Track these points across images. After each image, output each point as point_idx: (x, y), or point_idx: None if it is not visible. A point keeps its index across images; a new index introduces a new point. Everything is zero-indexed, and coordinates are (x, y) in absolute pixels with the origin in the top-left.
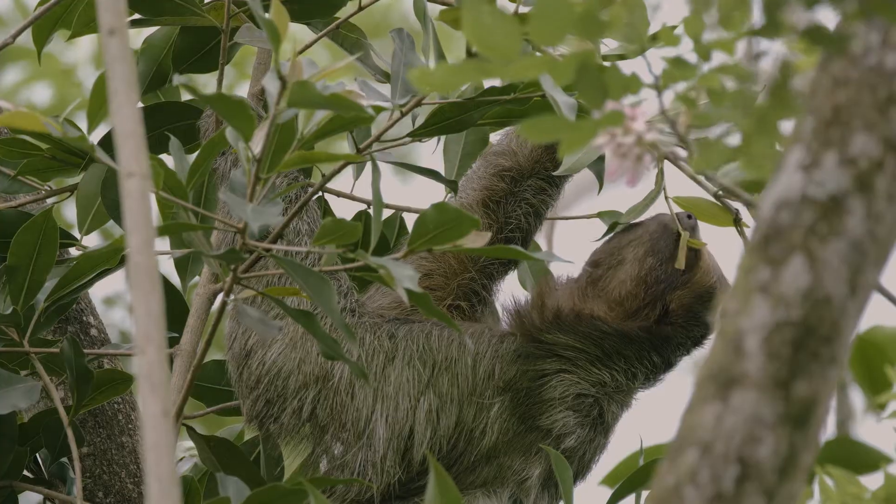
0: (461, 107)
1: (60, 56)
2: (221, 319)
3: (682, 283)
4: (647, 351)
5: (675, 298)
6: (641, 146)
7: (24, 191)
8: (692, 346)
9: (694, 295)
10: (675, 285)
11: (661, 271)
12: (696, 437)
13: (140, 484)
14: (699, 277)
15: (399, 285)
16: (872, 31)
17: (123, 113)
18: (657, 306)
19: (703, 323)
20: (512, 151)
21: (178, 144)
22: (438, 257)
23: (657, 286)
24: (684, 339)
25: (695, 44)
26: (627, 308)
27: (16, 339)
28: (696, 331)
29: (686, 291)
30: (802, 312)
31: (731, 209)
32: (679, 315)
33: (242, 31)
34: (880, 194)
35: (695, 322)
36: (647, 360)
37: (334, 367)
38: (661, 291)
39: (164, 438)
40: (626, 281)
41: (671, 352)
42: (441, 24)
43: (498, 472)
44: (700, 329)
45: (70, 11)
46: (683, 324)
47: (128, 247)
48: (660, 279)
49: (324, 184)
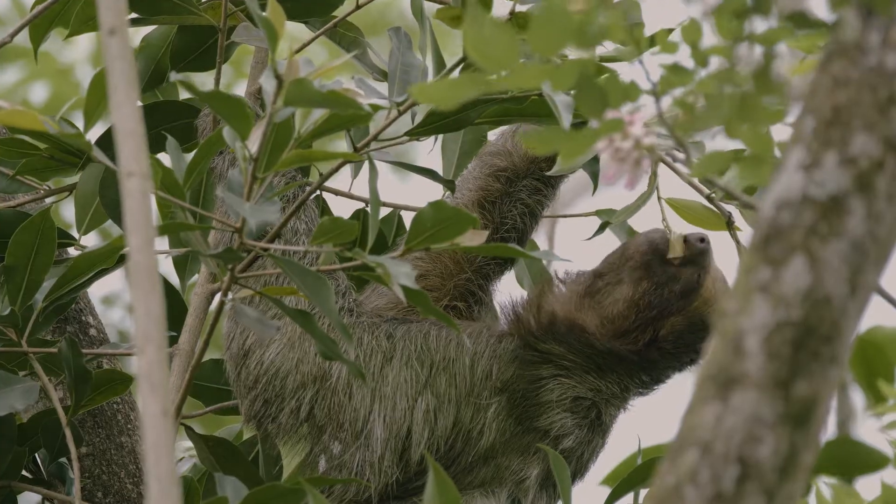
0: (458, 106)
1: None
2: (220, 319)
3: (677, 309)
4: (637, 371)
5: (667, 325)
6: (639, 150)
7: (23, 190)
8: (682, 368)
9: (688, 323)
10: (670, 312)
11: (654, 296)
12: (697, 436)
13: (139, 484)
14: (697, 306)
15: (396, 283)
16: (872, 31)
17: (123, 112)
18: (647, 331)
19: (694, 350)
20: (507, 152)
21: (175, 144)
22: (434, 258)
23: (648, 311)
24: (673, 363)
25: (692, 50)
26: (617, 327)
27: (14, 340)
28: (685, 357)
29: (680, 318)
30: (803, 312)
31: (724, 213)
32: (669, 342)
33: (239, 30)
34: (881, 194)
35: (684, 350)
36: (637, 378)
37: (332, 366)
38: (653, 318)
39: (164, 438)
40: (620, 301)
41: (661, 372)
42: (437, 22)
43: (496, 472)
44: (689, 356)
45: (68, 10)
46: (672, 350)
47: (128, 246)
48: (652, 305)
49: (321, 183)
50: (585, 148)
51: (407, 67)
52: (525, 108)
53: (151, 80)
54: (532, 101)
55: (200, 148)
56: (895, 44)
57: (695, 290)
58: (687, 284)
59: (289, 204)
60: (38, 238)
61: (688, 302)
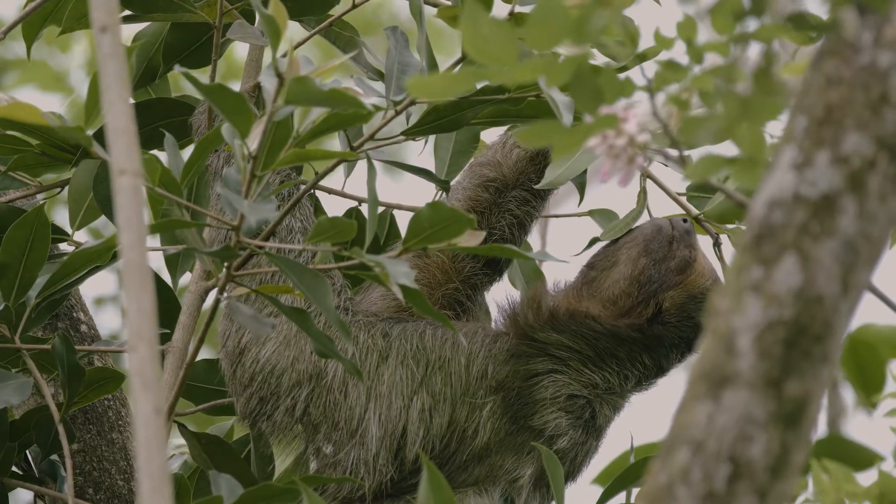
0: (455, 106)
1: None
2: (214, 317)
3: (675, 283)
4: (639, 353)
5: (667, 298)
6: (633, 148)
7: (15, 186)
8: (684, 347)
9: (687, 295)
10: (669, 285)
11: (654, 271)
12: (688, 435)
13: (130, 480)
14: (693, 279)
15: (394, 282)
16: (865, 29)
17: (116, 110)
18: (650, 304)
19: (696, 323)
20: (497, 162)
21: (172, 141)
22: (423, 268)
23: (650, 285)
24: (676, 339)
25: (687, 47)
26: (621, 306)
27: (7, 336)
28: (688, 331)
29: (679, 291)
30: (794, 311)
31: (712, 233)
32: (672, 314)
33: (235, 28)
34: (873, 193)
35: (687, 322)
36: (638, 363)
37: (328, 365)
38: (654, 290)
39: (156, 435)
40: (620, 280)
41: (662, 354)
42: (432, 22)
43: (490, 471)
44: (692, 330)
45: (60, 8)
46: (676, 323)
47: (120, 244)
48: (653, 279)
49: (317, 181)
50: (580, 142)
51: (404, 67)
52: (521, 109)
53: (144, 77)
54: (529, 102)
55: (198, 145)
56: (888, 42)
57: (689, 263)
58: (681, 259)
59: (284, 202)
60: (31, 234)
61: (684, 276)
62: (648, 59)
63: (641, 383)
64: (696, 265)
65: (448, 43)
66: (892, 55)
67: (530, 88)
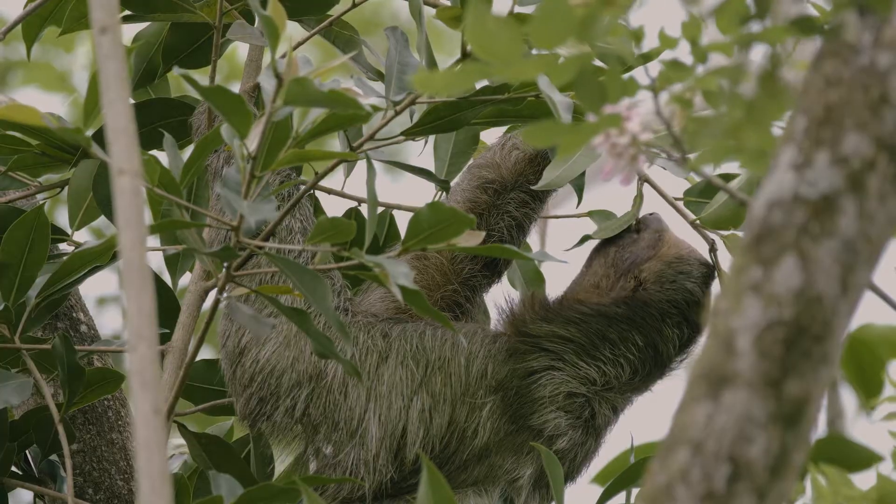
0: (455, 106)
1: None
2: (214, 317)
3: (649, 256)
4: (629, 331)
5: (644, 269)
6: (636, 146)
7: (15, 186)
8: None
9: (663, 262)
10: (644, 259)
11: (625, 252)
12: (688, 435)
13: (130, 481)
14: (665, 250)
15: (394, 283)
16: (865, 30)
17: (115, 109)
18: (629, 278)
19: (679, 286)
20: (495, 164)
21: (172, 141)
22: (421, 269)
23: (624, 263)
24: (665, 304)
25: (692, 46)
26: (604, 287)
27: (7, 336)
28: (673, 293)
29: (655, 262)
30: (794, 312)
31: (708, 239)
32: (652, 281)
33: (234, 28)
34: (872, 194)
35: (669, 285)
36: (630, 343)
37: (328, 365)
38: (629, 266)
39: (156, 436)
40: (598, 269)
41: (654, 328)
42: (432, 22)
43: (489, 471)
44: (677, 292)
45: (60, 8)
46: (659, 289)
47: (120, 244)
48: (625, 258)
49: (317, 181)
50: (584, 141)
51: (404, 67)
52: (521, 109)
53: (143, 77)
54: (529, 102)
55: (197, 145)
56: (887, 43)
57: (659, 237)
58: (650, 236)
59: (283, 202)
60: (31, 234)
61: (656, 249)
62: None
63: (638, 373)
64: (666, 238)
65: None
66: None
67: (530, 89)
